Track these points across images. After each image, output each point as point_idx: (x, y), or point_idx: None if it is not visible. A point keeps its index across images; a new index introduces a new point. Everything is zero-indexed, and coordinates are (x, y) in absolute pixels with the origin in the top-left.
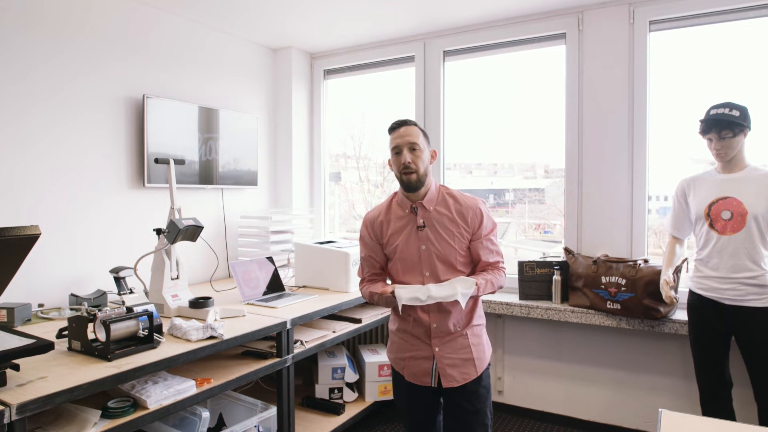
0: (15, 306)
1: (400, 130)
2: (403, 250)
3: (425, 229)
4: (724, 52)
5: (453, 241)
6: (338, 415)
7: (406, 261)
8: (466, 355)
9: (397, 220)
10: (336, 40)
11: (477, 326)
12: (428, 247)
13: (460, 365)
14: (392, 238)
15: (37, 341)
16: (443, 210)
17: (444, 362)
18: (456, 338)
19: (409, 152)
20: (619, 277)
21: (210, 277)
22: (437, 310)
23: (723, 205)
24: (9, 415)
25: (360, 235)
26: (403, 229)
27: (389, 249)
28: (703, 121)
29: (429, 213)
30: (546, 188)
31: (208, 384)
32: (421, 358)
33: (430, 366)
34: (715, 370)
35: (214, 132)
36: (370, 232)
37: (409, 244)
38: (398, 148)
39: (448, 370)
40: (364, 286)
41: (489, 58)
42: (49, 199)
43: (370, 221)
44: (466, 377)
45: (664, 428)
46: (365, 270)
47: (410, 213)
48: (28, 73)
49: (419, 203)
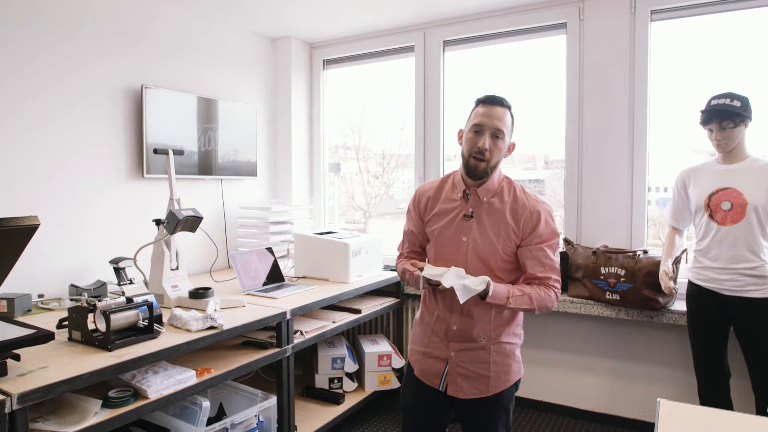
0: (15, 296)
1: (492, 109)
2: (442, 236)
3: (472, 220)
4: (725, 42)
5: (497, 239)
6: (338, 404)
7: (443, 249)
8: (482, 370)
9: (445, 201)
10: (335, 29)
11: (507, 344)
12: (469, 240)
13: (473, 379)
14: (434, 219)
15: (38, 331)
16: (497, 204)
17: (456, 369)
18: (477, 349)
19: (490, 138)
20: (618, 268)
21: (210, 268)
22: (461, 312)
23: (723, 196)
24: (10, 404)
25: (408, 207)
26: (449, 213)
27: (429, 229)
28: (703, 112)
29: (481, 203)
30: (546, 179)
31: (209, 374)
32: (435, 357)
33: (442, 368)
34: (713, 360)
35: (213, 122)
36: (416, 206)
37: (451, 231)
38: (480, 128)
39: (458, 379)
40: (401, 262)
41: (489, 48)
42: (48, 190)
43: (419, 194)
44: (475, 393)
45: (663, 418)
46: (405, 245)
47: (462, 198)
48: (27, 64)
49: (473, 189)
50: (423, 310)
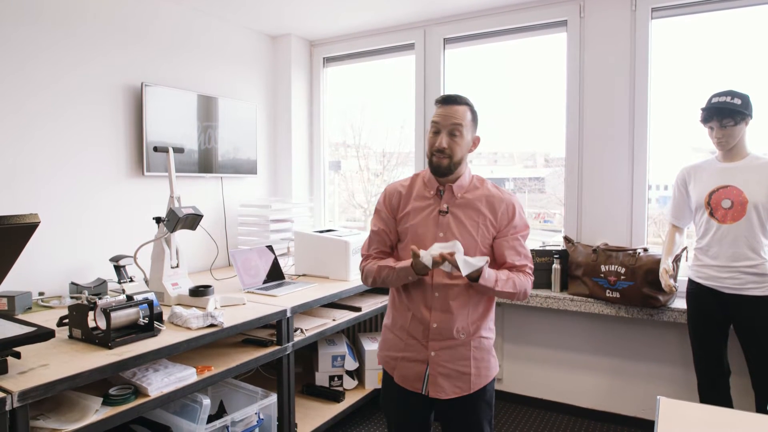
0: (16, 294)
1: (446, 107)
2: (418, 234)
3: (447, 216)
4: (726, 40)
5: (476, 232)
6: (338, 402)
7: (418, 245)
8: (463, 368)
9: (418, 199)
10: (335, 27)
11: (484, 338)
12: (447, 236)
13: (455, 377)
14: (408, 217)
15: (38, 329)
16: (472, 199)
17: (437, 370)
18: (457, 346)
19: (447, 135)
20: (618, 266)
21: (210, 266)
22: (441, 309)
23: (723, 194)
24: (11, 402)
25: (376, 206)
26: (423, 211)
27: (402, 227)
28: (704, 110)
29: (455, 199)
30: (546, 177)
31: (209, 372)
32: (414, 360)
33: (423, 370)
34: (713, 358)
35: (213, 120)
36: (387, 205)
37: (427, 228)
38: (437, 127)
39: (439, 380)
40: (369, 262)
41: (489, 45)
42: (48, 188)
43: (390, 193)
44: (456, 392)
45: (663, 415)
46: (372, 246)
47: (435, 195)
48: (27, 62)
49: (448, 186)
50: (394, 315)
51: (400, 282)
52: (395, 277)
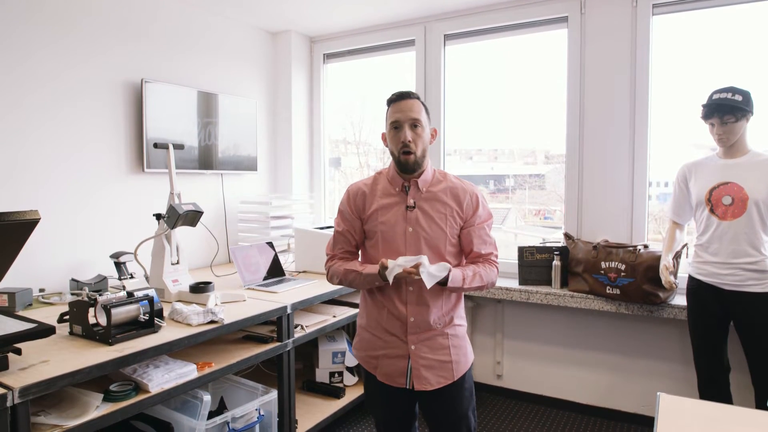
0: (16, 291)
1: (401, 103)
2: (388, 231)
3: (415, 210)
4: (727, 37)
5: (444, 224)
6: (338, 398)
7: (390, 243)
8: (444, 356)
9: (384, 197)
10: (336, 23)
11: (459, 326)
12: (416, 230)
13: (437, 368)
14: (376, 215)
15: (39, 325)
16: (437, 192)
17: (419, 362)
18: (435, 337)
19: (410, 129)
20: (618, 263)
21: (210, 262)
22: (416, 303)
23: (724, 191)
24: (12, 398)
25: (339, 206)
26: (391, 208)
27: (370, 226)
28: (705, 106)
29: (421, 194)
30: (546, 174)
31: (209, 368)
32: (395, 356)
33: (405, 365)
34: (713, 354)
35: (214, 117)
36: (351, 205)
37: (396, 224)
38: (398, 123)
39: (423, 372)
40: (335, 263)
41: (490, 42)
42: (48, 184)
43: (353, 193)
44: (441, 381)
45: (663, 412)
46: (337, 246)
47: (401, 192)
48: (27, 59)
49: (413, 181)
50: (368, 313)
51: (366, 286)
52: (362, 281)
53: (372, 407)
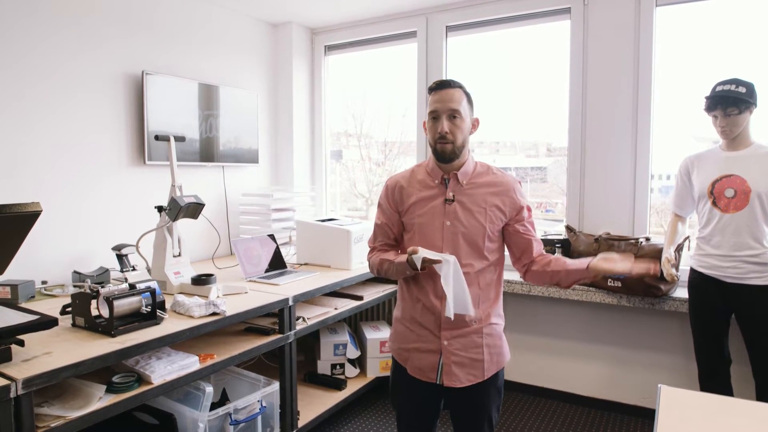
0: (19, 283)
1: (441, 92)
2: (425, 224)
3: (454, 204)
4: (731, 28)
5: (484, 219)
6: (340, 390)
7: (427, 236)
8: (476, 355)
9: (423, 190)
10: (337, 14)
11: (495, 325)
12: (453, 224)
13: (468, 365)
14: (414, 208)
15: (41, 317)
16: (478, 185)
17: (451, 359)
18: (469, 334)
19: (447, 120)
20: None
21: (212, 255)
22: None
23: (727, 183)
24: (15, 389)
25: (379, 200)
26: (429, 201)
27: (408, 219)
28: (708, 98)
29: (461, 187)
30: (548, 167)
31: (212, 359)
32: (427, 350)
33: (436, 360)
34: (714, 347)
35: (215, 109)
36: (389, 199)
37: (434, 217)
38: (436, 113)
39: (453, 369)
40: (374, 255)
41: (492, 33)
42: (50, 177)
43: (391, 187)
44: (471, 379)
45: (663, 403)
46: (377, 239)
47: (440, 184)
48: (28, 51)
49: (453, 174)
50: (403, 306)
51: (399, 275)
52: (394, 270)
53: (397, 398)
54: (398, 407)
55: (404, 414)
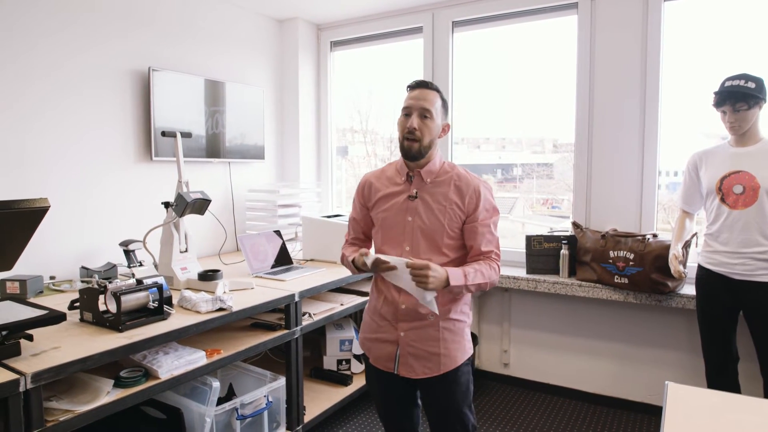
0: (27, 278)
1: (416, 91)
2: (388, 219)
3: (416, 200)
4: (740, 23)
5: (443, 217)
6: (346, 386)
7: (389, 230)
8: (432, 348)
9: (390, 186)
10: (343, 10)
11: (456, 321)
12: (415, 219)
13: (424, 357)
14: (380, 203)
15: (50, 312)
16: (441, 183)
17: (407, 350)
18: (426, 327)
19: (418, 117)
20: (627, 252)
21: (218, 251)
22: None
23: (735, 179)
24: (24, 383)
25: (354, 195)
26: (394, 197)
27: (374, 214)
28: (717, 93)
29: (425, 184)
30: (554, 163)
31: (218, 355)
32: (385, 341)
33: (393, 351)
34: (722, 344)
35: (221, 105)
36: (360, 194)
37: (397, 213)
38: (409, 110)
39: (409, 359)
40: (344, 248)
41: (499, 29)
42: (57, 173)
43: (363, 183)
44: (426, 372)
45: (671, 401)
46: (351, 232)
47: (406, 181)
48: (34, 46)
49: (417, 171)
50: (370, 299)
51: (351, 271)
52: (348, 265)
53: (371, 389)
54: (372, 395)
55: (377, 403)
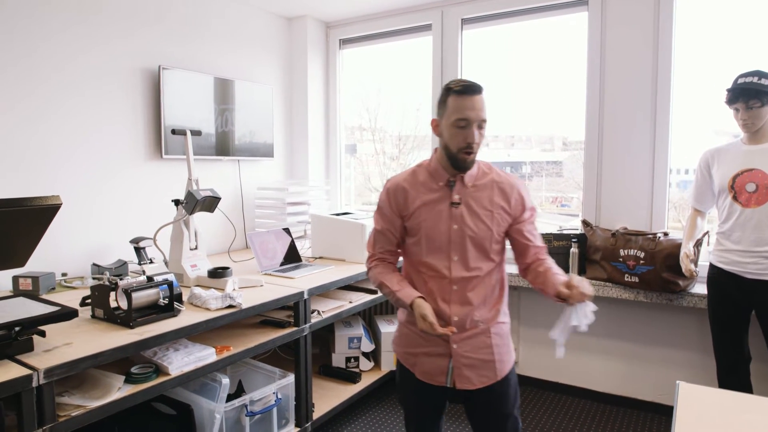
0: (39, 275)
1: (472, 100)
2: (431, 228)
3: (460, 207)
4: (753, 18)
5: (491, 222)
6: (354, 383)
7: (433, 241)
8: (486, 356)
9: (427, 193)
10: (352, 8)
11: (502, 324)
12: (461, 228)
13: (479, 367)
14: (419, 212)
15: (62, 309)
16: (483, 187)
17: (461, 362)
18: (477, 335)
19: (477, 130)
20: (637, 250)
21: (228, 248)
22: (460, 302)
23: (748, 177)
24: (37, 379)
25: (378, 203)
26: (434, 204)
27: (412, 224)
28: (730, 90)
29: (467, 189)
30: (564, 161)
31: (228, 351)
32: (435, 355)
33: (446, 364)
34: (733, 344)
35: (230, 103)
36: (392, 202)
37: (440, 221)
38: (467, 122)
39: (464, 371)
40: (374, 266)
41: (508, 26)
42: (68, 171)
43: (393, 189)
44: (484, 380)
45: (682, 400)
46: (377, 245)
47: (445, 187)
48: (45, 44)
49: (459, 176)
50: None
51: (396, 305)
52: (394, 301)
53: (405, 400)
54: (406, 408)
55: (413, 415)
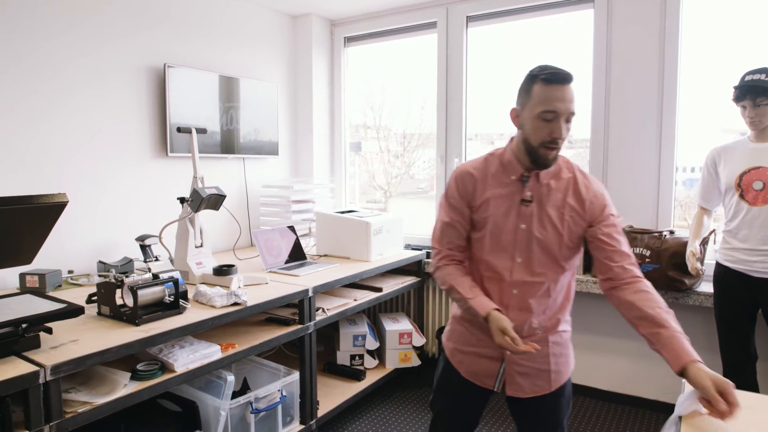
0: (46, 272)
1: (564, 89)
2: (498, 224)
3: (532, 205)
4: (760, 15)
5: (561, 225)
6: (359, 381)
7: (498, 238)
8: (543, 365)
9: (497, 186)
10: (356, 6)
11: (563, 332)
12: (529, 228)
13: (534, 376)
14: (487, 205)
15: (68, 306)
16: (557, 186)
17: (515, 368)
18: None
19: (565, 123)
20: (643, 248)
21: (233, 246)
22: (518, 307)
23: (755, 175)
24: (44, 375)
25: (446, 192)
26: (505, 199)
27: (479, 217)
28: (737, 88)
29: (541, 186)
30: (569, 159)
31: (233, 349)
32: (487, 356)
33: (496, 368)
34: (739, 343)
35: (235, 101)
36: (461, 190)
37: (507, 219)
38: (555, 114)
39: (517, 378)
40: (443, 266)
41: (513, 23)
42: (73, 169)
43: (462, 177)
44: (536, 390)
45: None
46: (444, 239)
47: (517, 181)
48: (50, 42)
49: (535, 172)
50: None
51: (466, 313)
52: (464, 308)
53: (440, 401)
54: (441, 405)
55: (447, 413)
